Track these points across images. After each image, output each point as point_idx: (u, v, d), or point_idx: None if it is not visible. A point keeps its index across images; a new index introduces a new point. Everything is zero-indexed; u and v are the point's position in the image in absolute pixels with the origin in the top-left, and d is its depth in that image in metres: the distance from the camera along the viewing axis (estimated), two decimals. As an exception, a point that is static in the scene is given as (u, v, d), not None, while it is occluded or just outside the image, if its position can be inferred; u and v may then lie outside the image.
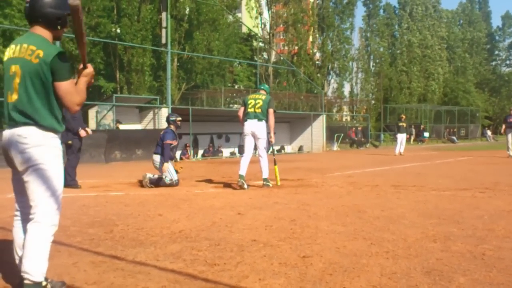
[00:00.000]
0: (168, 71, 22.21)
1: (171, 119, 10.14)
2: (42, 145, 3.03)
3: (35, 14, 3.10)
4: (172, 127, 9.96)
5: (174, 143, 9.74)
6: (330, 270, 3.73)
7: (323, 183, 10.06)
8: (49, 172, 3.04)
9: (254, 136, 9.29)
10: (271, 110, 9.34)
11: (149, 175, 9.60)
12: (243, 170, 9.20)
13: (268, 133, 9.42)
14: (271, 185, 9.36)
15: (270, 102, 9.40)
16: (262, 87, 9.94)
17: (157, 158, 9.77)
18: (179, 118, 10.23)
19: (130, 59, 30.73)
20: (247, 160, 9.31)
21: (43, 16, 3.09)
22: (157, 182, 9.54)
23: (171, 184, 9.54)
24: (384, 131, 44.05)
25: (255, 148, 9.40)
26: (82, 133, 9.53)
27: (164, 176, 9.51)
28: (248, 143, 9.42)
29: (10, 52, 3.12)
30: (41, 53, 2.98)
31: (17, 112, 3.03)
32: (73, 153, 9.50)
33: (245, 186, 9.07)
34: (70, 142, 9.34)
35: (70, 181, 9.10)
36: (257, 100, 9.38)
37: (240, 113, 9.52)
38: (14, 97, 3.04)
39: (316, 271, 3.71)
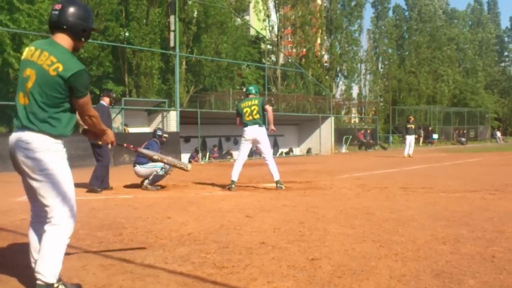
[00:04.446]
0: (176, 74, 22.26)
1: (157, 133, 10.10)
2: (47, 150, 3.07)
3: (62, 22, 3.14)
4: (156, 140, 9.96)
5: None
6: (338, 273, 3.73)
7: (331, 185, 10.04)
8: (57, 176, 3.09)
9: (256, 142, 9.37)
10: (268, 107, 9.45)
11: (146, 181, 9.62)
12: (235, 176, 9.41)
13: (267, 130, 9.56)
14: (284, 187, 9.38)
15: (264, 102, 9.44)
16: (250, 92, 9.73)
17: (139, 169, 9.67)
18: (166, 135, 10.24)
19: (138, 63, 30.81)
20: (241, 165, 9.51)
21: (71, 25, 3.15)
22: (155, 180, 9.57)
23: (167, 172, 9.56)
24: (393, 133, 43.90)
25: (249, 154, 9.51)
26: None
27: (156, 172, 9.51)
28: (245, 149, 9.58)
29: (28, 53, 3.16)
30: (60, 68, 3.02)
31: (26, 116, 3.08)
32: (105, 155, 9.27)
33: (232, 190, 9.28)
34: (100, 142, 9.18)
35: (93, 182, 9.05)
36: (252, 107, 9.35)
37: (238, 122, 9.55)
38: (26, 100, 3.09)
39: (324, 274, 3.71)
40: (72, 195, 3.17)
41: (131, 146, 3.99)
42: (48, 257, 3.06)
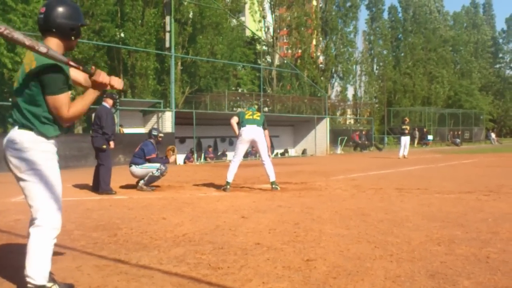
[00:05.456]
0: (171, 75, 22.24)
1: (153, 133, 10.08)
2: (33, 150, 3.05)
3: (49, 24, 3.11)
4: (152, 140, 9.94)
5: (153, 156, 9.68)
6: (334, 274, 3.73)
7: (326, 186, 10.05)
8: (43, 176, 3.06)
9: (254, 141, 9.42)
10: (267, 132, 9.64)
11: (141, 181, 9.61)
12: (231, 177, 9.44)
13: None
14: (279, 188, 9.40)
15: (265, 122, 9.66)
16: (252, 109, 9.96)
17: (135, 169, 9.64)
18: (161, 135, 10.25)
19: (134, 63, 30.78)
20: (236, 166, 9.55)
21: (57, 26, 3.11)
22: (150, 181, 9.55)
23: (162, 173, 9.57)
24: (388, 134, 43.98)
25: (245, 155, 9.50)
26: (112, 144, 9.34)
27: (151, 173, 9.50)
28: (242, 150, 9.65)
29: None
30: (34, 64, 2.99)
31: (13, 115, 3.09)
32: (107, 158, 9.21)
33: (228, 190, 9.30)
34: (104, 146, 9.09)
35: (104, 187, 9.02)
36: (254, 112, 9.64)
37: (233, 122, 9.57)
38: (14, 100, 3.11)
39: (320, 275, 3.71)
40: (58, 196, 3.12)
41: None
42: (36, 259, 3.03)
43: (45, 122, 3.07)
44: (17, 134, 3.06)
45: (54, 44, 3.14)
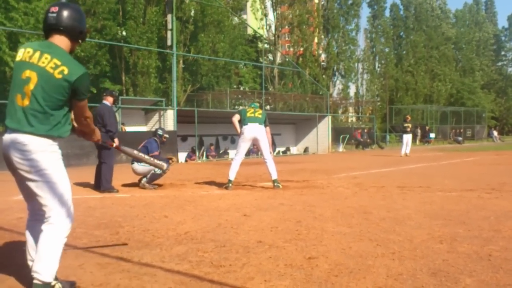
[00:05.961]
0: (173, 73, 22.25)
1: (158, 133, 10.09)
2: (43, 151, 3.07)
3: (60, 24, 3.15)
4: (157, 139, 9.93)
5: (156, 153, 9.66)
6: (335, 272, 3.73)
7: (328, 185, 10.05)
8: (54, 176, 3.10)
9: (256, 140, 9.41)
10: (268, 129, 9.64)
11: (143, 179, 9.61)
12: (233, 175, 9.43)
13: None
14: (281, 186, 9.40)
15: (267, 119, 9.64)
16: (255, 107, 9.94)
17: (137, 166, 9.57)
18: (166, 136, 10.25)
19: (135, 61, 30.80)
20: (238, 164, 9.55)
21: (69, 27, 3.17)
22: (152, 178, 9.54)
23: (165, 171, 9.52)
24: (390, 132, 43.93)
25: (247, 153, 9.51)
26: (117, 141, 9.26)
27: (154, 171, 9.48)
28: (244, 148, 9.63)
29: (25, 55, 3.11)
30: (66, 71, 3.03)
31: (25, 118, 3.04)
32: (109, 156, 9.16)
33: (230, 189, 9.29)
34: (112, 145, 9.00)
35: (106, 185, 9.01)
36: (256, 109, 9.63)
37: (235, 121, 9.56)
38: (25, 102, 3.04)
39: (321, 273, 3.71)
40: (69, 195, 3.19)
41: (114, 144, 4.12)
42: (46, 256, 3.06)
43: (63, 124, 3.15)
44: (24, 135, 3.05)
45: (63, 43, 3.17)
